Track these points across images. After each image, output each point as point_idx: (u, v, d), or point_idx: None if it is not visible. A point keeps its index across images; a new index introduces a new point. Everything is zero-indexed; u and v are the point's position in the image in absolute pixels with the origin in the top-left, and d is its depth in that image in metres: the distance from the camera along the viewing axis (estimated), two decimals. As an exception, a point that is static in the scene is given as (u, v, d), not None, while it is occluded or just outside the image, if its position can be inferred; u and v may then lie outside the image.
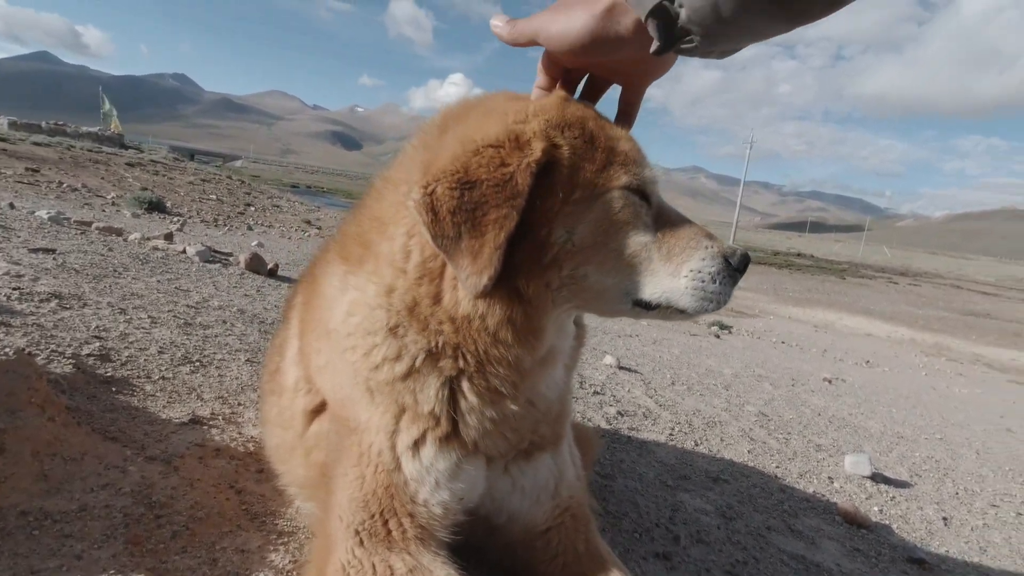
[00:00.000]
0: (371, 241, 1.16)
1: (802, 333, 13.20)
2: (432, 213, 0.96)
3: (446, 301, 1.06)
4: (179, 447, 1.50)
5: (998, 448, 5.07)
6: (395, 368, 1.11)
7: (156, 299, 2.90)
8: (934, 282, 41.30)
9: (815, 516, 2.47)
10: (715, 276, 1.08)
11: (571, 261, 1.05)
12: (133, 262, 3.81)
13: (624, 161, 1.09)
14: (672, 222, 1.13)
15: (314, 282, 1.36)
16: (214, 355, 2.31)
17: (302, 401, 1.36)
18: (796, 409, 4.69)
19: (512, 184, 0.97)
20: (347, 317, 1.16)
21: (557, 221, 1.03)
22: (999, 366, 13.16)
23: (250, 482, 1.46)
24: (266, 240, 10.33)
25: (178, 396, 1.86)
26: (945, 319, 19.84)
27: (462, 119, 1.13)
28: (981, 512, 3.17)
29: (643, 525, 1.89)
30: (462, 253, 0.96)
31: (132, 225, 7.42)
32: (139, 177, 18.45)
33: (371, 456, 1.13)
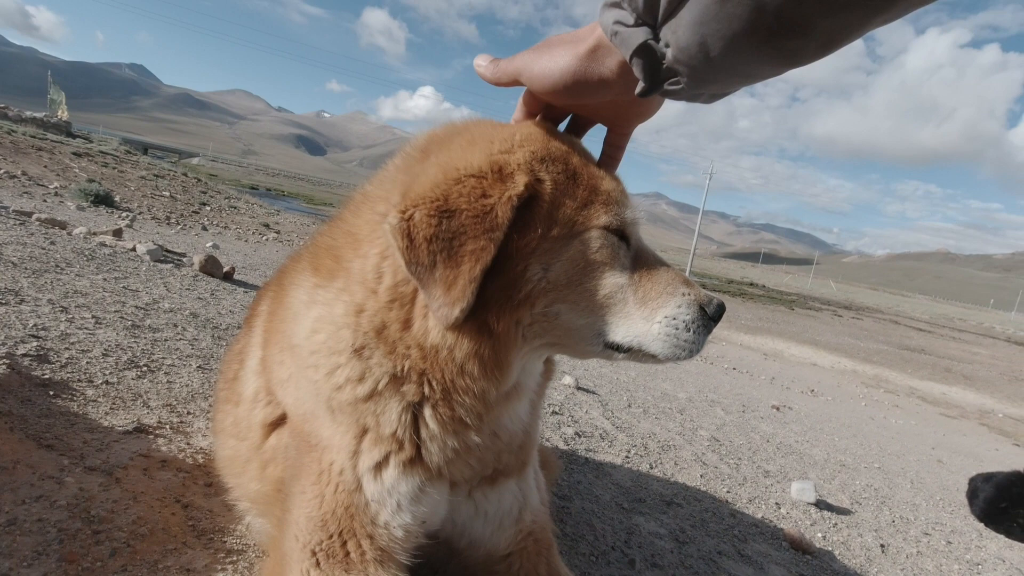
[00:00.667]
0: (344, 257, 1.14)
1: (752, 360, 13.61)
2: (408, 239, 0.94)
3: (416, 328, 1.04)
4: (122, 457, 1.42)
5: (930, 479, 5.34)
6: (357, 389, 1.08)
7: (102, 298, 2.75)
8: (875, 316, 43.45)
9: (763, 541, 2.53)
10: (689, 324, 1.07)
11: (544, 298, 1.03)
12: (78, 258, 3.61)
13: (606, 200, 1.08)
14: (650, 265, 1.12)
15: (281, 291, 1.32)
16: (163, 360, 2.20)
17: (261, 412, 1.31)
18: (746, 435, 4.81)
19: (492, 216, 0.96)
20: (312, 334, 1.13)
21: (533, 257, 1.02)
22: (931, 399, 13.90)
23: (198, 496, 1.38)
24: (221, 242, 10.00)
25: (122, 402, 1.76)
26: (884, 352, 20.86)
27: (446, 144, 1.12)
28: (915, 540, 3.32)
29: (599, 548, 1.90)
30: (435, 283, 0.94)
31: (77, 218, 7.05)
32: (86, 168, 17.57)
33: (332, 475, 1.09)
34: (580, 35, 1.02)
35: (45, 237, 3.98)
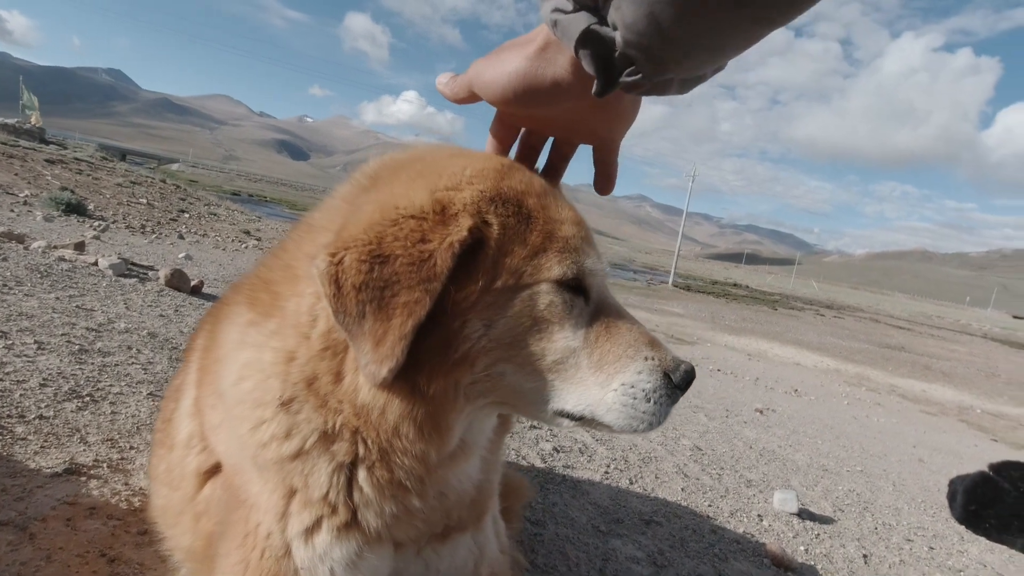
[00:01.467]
0: (281, 293, 1.03)
1: (736, 361, 13.65)
2: (336, 286, 0.84)
3: (346, 383, 0.93)
4: (42, 507, 1.30)
5: (911, 480, 5.34)
6: (283, 447, 0.97)
7: (49, 320, 2.61)
8: (856, 315, 44.09)
9: (744, 559, 2.46)
10: (649, 394, 0.95)
11: (486, 357, 0.92)
12: (30, 275, 3.44)
13: (562, 248, 0.95)
14: (612, 323, 1.00)
15: (216, 326, 1.20)
16: (110, 388, 2.07)
17: (195, 460, 1.19)
18: (729, 442, 4.77)
19: (430, 265, 0.85)
20: (239, 381, 1.02)
21: (473, 312, 0.90)
22: (912, 397, 14.05)
23: (128, 547, 1.27)
24: (198, 251, 9.78)
25: (56, 439, 1.63)
26: (865, 351, 21.12)
27: (394, 176, 1.01)
28: (897, 547, 3.28)
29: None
30: (364, 336, 0.84)
31: (42, 230, 6.82)
32: (59, 175, 17.14)
33: (258, 538, 0.99)
34: (530, 36, 0.92)
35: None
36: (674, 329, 17.83)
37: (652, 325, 17.48)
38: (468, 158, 1.03)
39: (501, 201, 0.95)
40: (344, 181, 1.13)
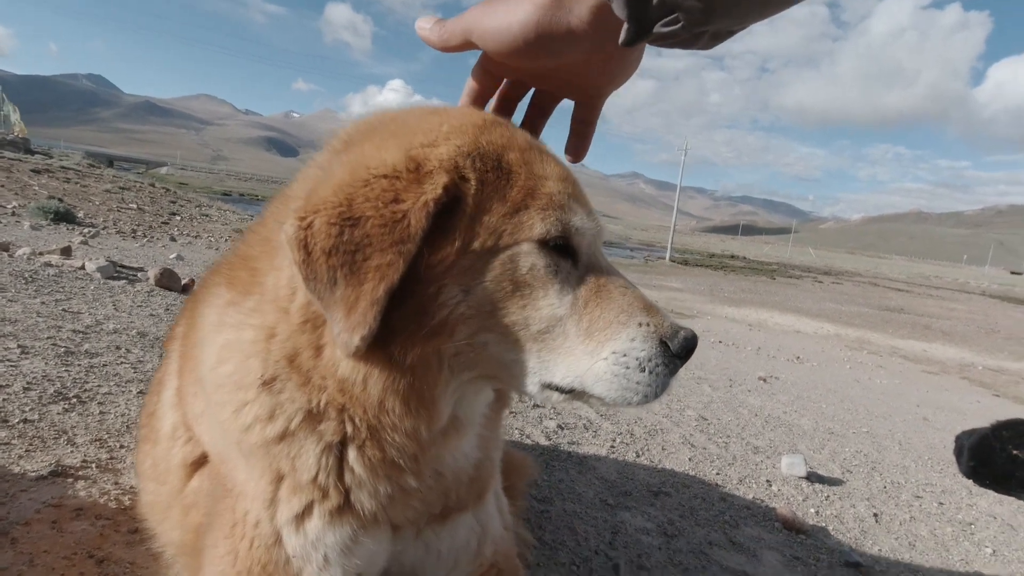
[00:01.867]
0: (259, 269, 0.97)
1: (738, 332, 13.66)
2: (305, 251, 0.79)
3: (326, 356, 0.88)
4: (26, 510, 1.25)
5: (917, 438, 5.34)
6: (267, 429, 0.91)
7: (33, 324, 2.55)
8: (854, 280, 44.15)
9: (755, 524, 2.44)
10: (643, 362, 0.87)
11: (466, 326, 0.86)
12: (14, 281, 3.37)
13: (545, 205, 0.88)
14: (603, 287, 0.92)
15: (195, 309, 1.15)
16: (97, 389, 2.02)
17: (180, 452, 1.14)
18: (734, 411, 4.75)
19: (403, 225, 0.80)
20: (218, 365, 0.96)
21: (450, 276, 0.84)
22: (913, 357, 14.10)
23: (118, 547, 1.22)
24: (190, 252, 9.69)
25: (41, 442, 1.58)
26: (865, 315, 21.17)
27: (367, 137, 0.95)
28: (907, 504, 3.27)
29: (581, 555, 1.78)
30: (336, 303, 0.79)
31: (28, 238, 6.73)
32: (47, 185, 16.95)
33: (246, 527, 0.94)
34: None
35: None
36: (673, 304, 17.82)
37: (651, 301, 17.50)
38: (445, 114, 0.97)
39: (480, 156, 0.88)
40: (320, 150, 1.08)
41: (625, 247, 56.21)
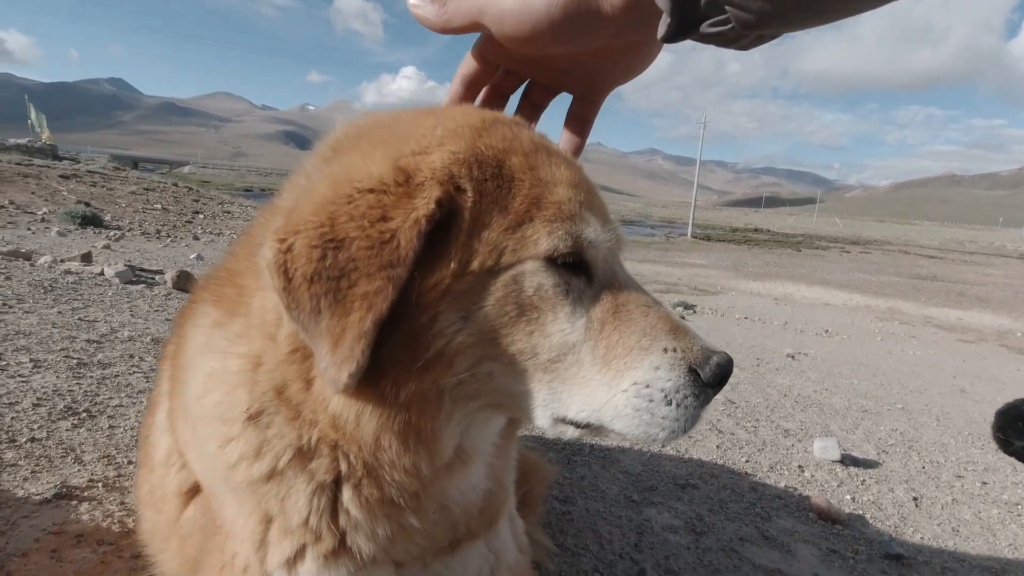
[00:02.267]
0: (245, 287, 0.90)
1: (763, 307, 13.40)
2: (285, 277, 0.71)
3: (316, 390, 0.79)
4: (26, 539, 1.22)
5: (955, 412, 5.14)
6: (253, 468, 0.84)
7: (48, 336, 2.55)
8: (884, 249, 42.95)
9: (788, 516, 2.34)
10: (670, 394, 0.77)
11: (467, 355, 0.77)
12: (33, 291, 3.40)
13: (553, 216, 0.78)
14: (622, 307, 0.81)
15: (183, 326, 1.07)
16: (108, 401, 2.00)
17: (175, 479, 1.09)
18: (762, 391, 4.62)
19: (392, 247, 0.71)
20: (203, 395, 0.89)
21: (446, 302, 0.74)
22: (947, 326, 13.67)
23: (119, 575, 1.19)
24: (212, 250, 9.81)
25: (48, 462, 1.56)
26: (895, 284, 20.58)
27: (356, 143, 0.86)
28: (948, 486, 3.13)
29: (605, 559, 1.70)
30: (321, 335, 0.71)
31: (53, 245, 6.86)
32: (75, 190, 17.33)
33: (235, 570, 0.88)
34: None
35: (1, 272, 3.78)
36: (696, 280, 17.55)
37: (674, 279, 17.22)
38: (440, 116, 0.86)
39: (477, 163, 0.78)
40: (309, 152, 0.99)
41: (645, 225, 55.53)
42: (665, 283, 16.12)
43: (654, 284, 15.66)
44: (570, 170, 0.84)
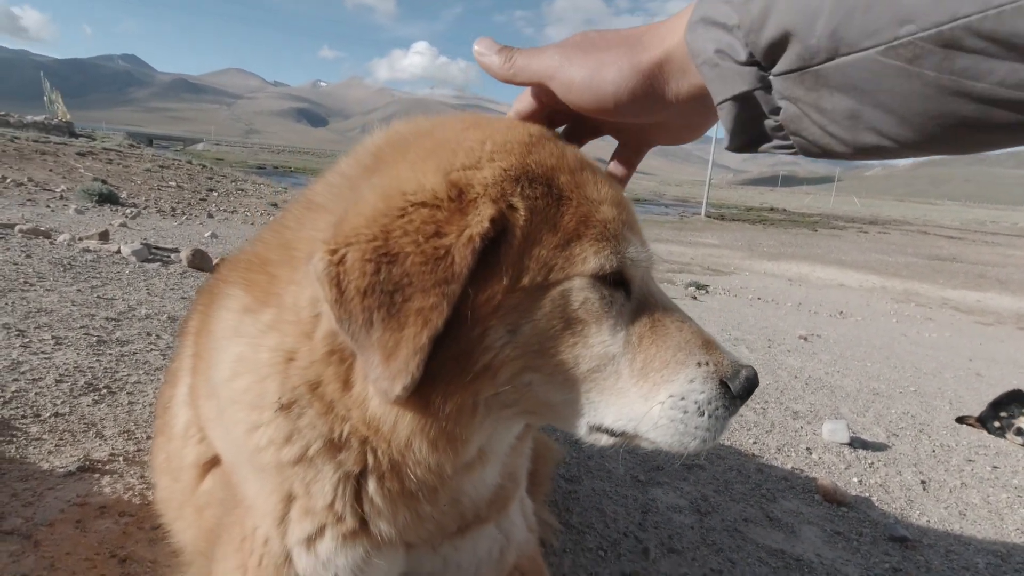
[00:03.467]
0: (278, 277, 0.91)
1: (777, 287, 13.26)
2: (338, 289, 0.72)
3: (356, 392, 0.82)
4: (51, 510, 1.27)
5: (969, 396, 5.10)
6: (282, 452, 0.87)
7: (68, 313, 2.61)
8: (902, 229, 42.15)
9: (794, 497, 2.36)
10: (703, 406, 0.81)
11: (510, 367, 0.79)
12: (53, 269, 3.47)
13: (600, 235, 0.80)
14: (658, 321, 0.85)
15: (210, 307, 1.09)
16: (127, 378, 2.06)
17: (193, 451, 1.13)
18: (773, 373, 4.61)
19: (447, 263, 0.72)
20: (232, 378, 0.91)
21: (496, 317, 0.77)
22: (965, 308, 13.44)
23: (140, 545, 1.24)
24: (226, 228, 9.89)
25: (71, 436, 1.62)
26: (913, 265, 20.24)
27: (400, 154, 0.86)
28: (958, 470, 3.13)
29: (610, 538, 1.74)
30: (372, 347, 0.72)
31: (71, 223, 6.95)
32: (91, 167, 17.48)
33: (255, 543, 0.92)
34: (639, 40, 0.76)
35: (22, 250, 3.86)
36: (710, 260, 17.39)
37: (687, 258, 17.06)
38: (486, 129, 0.86)
39: (528, 180, 0.80)
40: (346, 154, 0.99)
41: (660, 203, 54.94)
42: (678, 262, 16.00)
43: (667, 263, 15.56)
44: (613, 189, 0.87)
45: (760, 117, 0.66)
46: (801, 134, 0.63)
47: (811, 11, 0.54)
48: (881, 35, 0.50)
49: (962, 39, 0.46)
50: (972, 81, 0.48)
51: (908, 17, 0.48)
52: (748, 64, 0.62)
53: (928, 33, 0.47)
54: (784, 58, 0.58)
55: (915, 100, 0.51)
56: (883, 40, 0.50)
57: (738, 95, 0.65)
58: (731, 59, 0.63)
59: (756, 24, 0.59)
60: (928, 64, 0.49)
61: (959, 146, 0.55)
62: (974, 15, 0.44)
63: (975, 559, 2.12)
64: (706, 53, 0.65)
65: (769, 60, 0.60)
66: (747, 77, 0.63)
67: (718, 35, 0.64)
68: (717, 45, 0.64)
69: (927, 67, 0.49)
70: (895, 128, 0.55)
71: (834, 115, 0.58)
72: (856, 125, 0.57)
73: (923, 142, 0.55)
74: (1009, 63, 0.45)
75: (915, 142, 0.55)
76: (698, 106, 0.75)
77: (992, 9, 0.43)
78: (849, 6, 0.51)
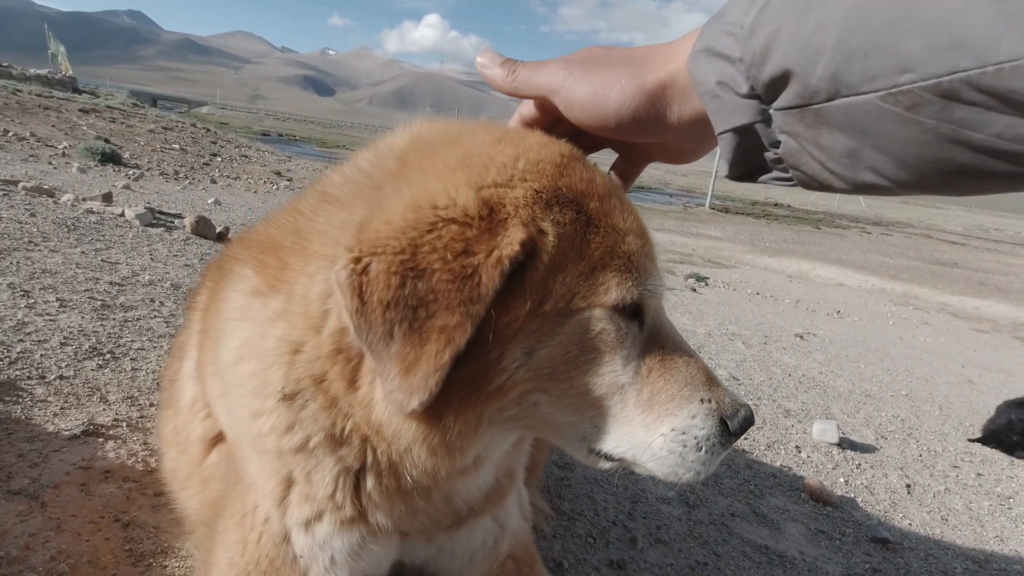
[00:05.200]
0: (289, 264, 0.91)
1: (777, 284, 13.27)
2: (359, 299, 0.71)
3: (362, 394, 0.82)
4: (57, 472, 1.30)
5: (959, 403, 5.15)
6: (283, 440, 0.89)
7: (72, 276, 2.62)
8: (905, 231, 42.02)
9: (781, 495, 2.41)
10: (702, 442, 0.84)
11: (521, 387, 0.80)
12: (57, 230, 3.47)
13: (624, 267, 0.81)
14: (667, 356, 0.86)
15: (220, 284, 1.09)
16: (131, 344, 2.08)
17: (200, 426, 1.15)
18: (767, 370, 4.65)
19: (474, 283, 0.72)
20: (237, 362, 0.92)
21: (516, 340, 0.77)
22: (963, 314, 13.47)
23: (144, 510, 1.27)
24: (229, 195, 9.84)
25: (76, 400, 1.64)
26: (914, 268, 20.24)
27: (428, 161, 0.85)
28: (943, 475, 3.18)
29: (599, 525, 1.78)
30: (391, 359, 0.72)
31: (75, 181, 6.92)
32: (94, 125, 17.29)
33: (256, 520, 0.95)
34: (643, 61, 0.76)
35: (26, 208, 3.85)
36: (711, 253, 17.37)
37: (689, 249, 17.03)
38: (520, 144, 0.85)
39: (559, 205, 0.80)
40: (366, 147, 0.99)
41: (664, 193, 54.60)
42: (680, 253, 15.98)
43: (669, 253, 15.54)
44: (636, 218, 0.88)
45: (760, 149, 0.66)
46: (800, 168, 0.63)
47: (813, 52, 0.54)
48: (881, 81, 0.51)
49: (961, 91, 0.46)
50: (969, 131, 0.48)
51: (908, 66, 0.48)
52: (749, 97, 0.62)
53: (927, 83, 0.48)
54: (785, 94, 0.59)
55: (913, 145, 0.52)
56: (883, 86, 0.51)
57: (738, 127, 0.65)
58: (733, 91, 0.63)
59: (758, 59, 0.59)
60: (927, 112, 0.49)
61: (956, 190, 0.56)
62: (973, 70, 0.45)
63: (953, 564, 2.18)
64: (708, 83, 0.65)
65: (770, 94, 0.61)
66: (748, 110, 0.63)
67: (721, 66, 0.64)
68: (719, 76, 0.64)
69: (926, 115, 0.49)
70: (893, 170, 0.56)
71: (833, 152, 0.58)
72: (855, 164, 0.58)
73: (920, 184, 0.56)
74: (1007, 117, 0.46)
75: (912, 184, 0.56)
76: (699, 130, 0.75)
77: (991, 66, 0.44)
78: (850, 50, 0.52)
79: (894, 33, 0.48)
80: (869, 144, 0.55)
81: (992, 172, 0.50)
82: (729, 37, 0.62)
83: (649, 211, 28.99)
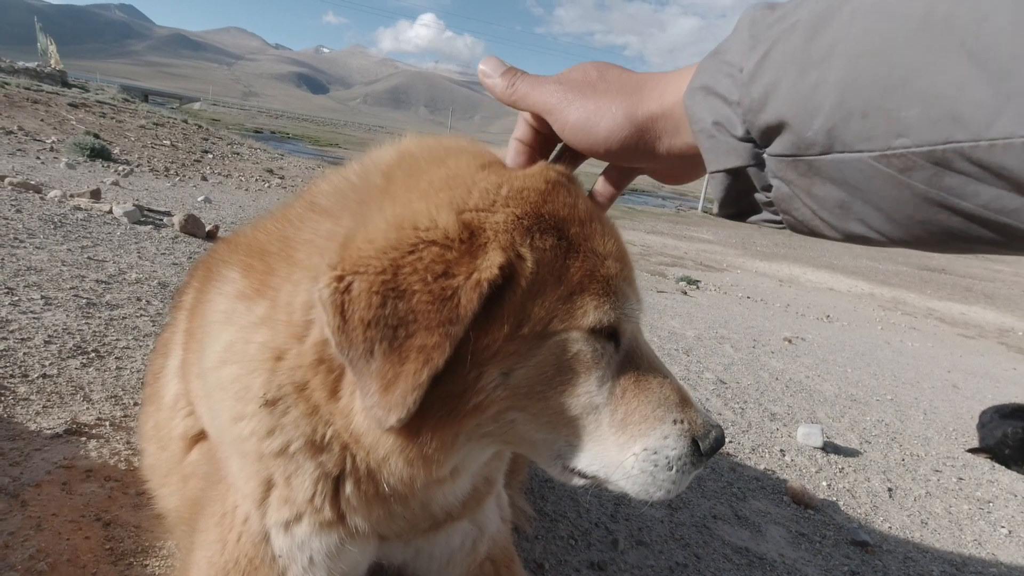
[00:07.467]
0: (274, 270, 0.91)
1: (767, 287, 13.37)
2: (341, 317, 0.72)
3: (342, 404, 0.83)
4: (38, 471, 1.30)
5: (944, 407, 5.22)
6: (264, 444, 0.90)
7: (58, 273, 2.61)
8: (895, 236, 42.42)
9: (764, 498, 2.43)
10: (673, 462, 0.85)
11: (498, 405, 0.82)
12: (43, 226, 3.44)
13: (601, 291, 0.82)
14: (641, 377, 0.88)
15: (206, 285, 1.09)
16: (116, 343, 2.07)
17: (181, 424, 1.16)
18: (755, 374, 4.69)
19: (452, 304, 0.73)
20: (220, 365, 0.93)
21: (492, 362, 0.79)
22: (950, 320, 13.63)
23: (125, 510, 1.27)
24: (220, 193, 9.78)
25: (59, 398, 1.64)
26: (903, 274, 20.44)
27: (413, 180, 0.86)
28: (924, 479, 3.22)
29: (581, 527, 1.79)
30: (371, 376, 0.73)
31: (63, 177, 6.86)
32: (83, 119, 17.14)
33: (235, 520, 0.95)
34: (637, 90, 0.77)
35: (12, 205, 3.81)
36: (703, 256, 17.46)
37: (681, 252, 17.14)
38: (504, 174, 0.86)
39: (540, 230, 0.81)
40: (355, 160, 1.00)
41: (657, 195, 54.81)
42: (671, 256, 16.06)
43: (661, 256, 15.61)
44: (617, 242, 0.89)
45: (752, 191, 0.67)
46: (791, 213, 0.64)
47: (811, 107, 0.55)
48: (876, 142, 0.52)
49: (952, 160, 0.48)
50: (957, 199, 0.50)
51: (903, 131, 0.50)
52: (744, 140, 0.63)
53: (921, 149, 0.49)
54: (779, 141, 0.60)
55: (904, 205, 0.54)
56: (878, 147, 0.52)
57: (732, 169, 0.66)
58: (728, 133, 0.64)
59: (756, 105, 0.60)
60: (918, 177, 0.51)
61: (943, 248, 0.58)
62: (967, 143, 0.46)
63: (931, 566, 2.21)
64: (704, 122, 0.66)
65: (765, 140, 0.61)
66: (742, 153, 0.64)
67: (717, 106, 0.64)
68: (715, 117, 0.65)
69: (917, 179, 0.51)
70: (883, 225, 0.57)
71: (824, 202, 0.59)
72: (846, 215, 0.59)
73: (909, 240, 0.58)
74: (995, 189, 0.47)
75: (901, 239, 0.58)
76: (689, 161, 0.76)
77: (984, 141, 0.45)
78: (848, 110, 0.53)
79: (893, 98, 0.50)
80: (860, 199, 0.56)
81: (978, 237, 0.52)
82: (728, 79, 0.63)
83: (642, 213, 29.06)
